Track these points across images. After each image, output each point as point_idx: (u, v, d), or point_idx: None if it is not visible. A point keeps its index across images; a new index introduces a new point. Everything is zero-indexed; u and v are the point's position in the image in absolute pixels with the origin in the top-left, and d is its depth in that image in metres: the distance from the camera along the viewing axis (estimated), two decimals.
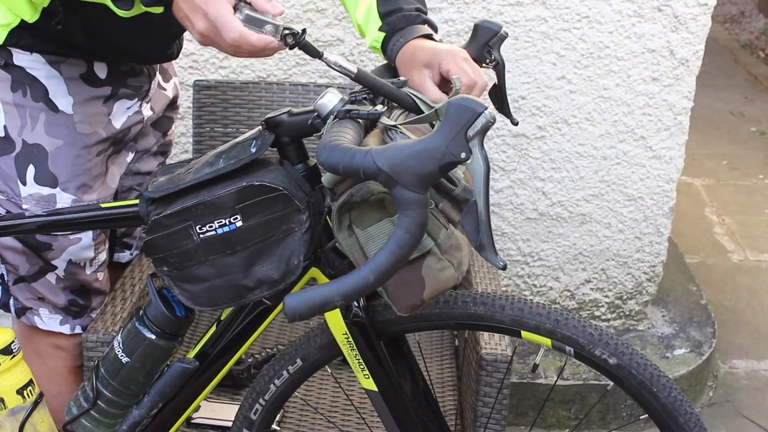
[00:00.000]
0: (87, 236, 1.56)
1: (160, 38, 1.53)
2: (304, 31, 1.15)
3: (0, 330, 1.40)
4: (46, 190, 1.49)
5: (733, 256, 3.54)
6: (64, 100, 1.47)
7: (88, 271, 1.60)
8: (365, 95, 1.19)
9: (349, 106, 1.13)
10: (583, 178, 2.54)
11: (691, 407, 1.31)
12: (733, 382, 2.79)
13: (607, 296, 2.71)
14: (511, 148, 2.49)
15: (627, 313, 2.75)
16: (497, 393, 1.58)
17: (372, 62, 2.38)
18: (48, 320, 1.59)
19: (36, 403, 1.43)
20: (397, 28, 1.36)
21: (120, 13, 1.20)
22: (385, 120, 1.12)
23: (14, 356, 1.40)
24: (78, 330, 1.62)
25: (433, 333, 2.08)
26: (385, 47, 1.38)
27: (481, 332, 1.64)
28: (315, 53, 1.16)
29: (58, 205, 1.51)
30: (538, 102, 2.45)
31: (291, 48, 1.16)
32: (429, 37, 1.36)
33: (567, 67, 2.41)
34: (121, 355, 1.34)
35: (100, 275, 1.64)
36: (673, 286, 3.01)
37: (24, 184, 1.48)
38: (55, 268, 1.56)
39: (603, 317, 2.74)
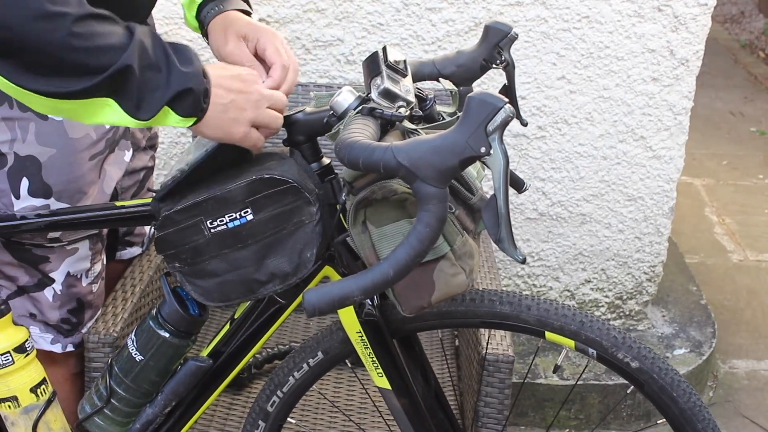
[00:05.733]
0: (84, 246, 1.54)
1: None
2: None
3: (14, 329, 1.41)
4: (39, 202, 1.45)
5: (733, 256, 3.54)
6: None
7: (84, 283, 1.58)
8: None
9: (371, 104, 1.13)
10: (583, 178, 2.54)
11: (709, 413, 1.32)
12: (733, 382, 2.79)
13: (607, 296, 2.71)
14: (511, 148, 2.49)
15: (627, 313, 2.75)
16: (499, 393, 1.58)
17: None
18: (39, 339, 1.56)
19: (49, 402, 1.44)
20: None
21: (136, 124, 1.11)
22: (407, 124, 1.13)
23: (28, 354, 1.41)
24: (70, 348, 1.59)
25: (433, 332, 2.08)
26: (199, 15, 1.39)
27: (482, 332, 1.64)
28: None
29: None
30: (538, 102, 2.45)
31: None
32: (246, 13, 1.39)
33: (567, 67, 2.41)
34: (135, 354, 1.34)
35: (95, 287, 1.61)
36: (673, 286, 3.01)
37: (17, 197, 1.44)
38: (53, 281, 1.54)
39: (603, 317, 2.74)
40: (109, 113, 1.08)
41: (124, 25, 1.08)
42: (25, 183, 1.44)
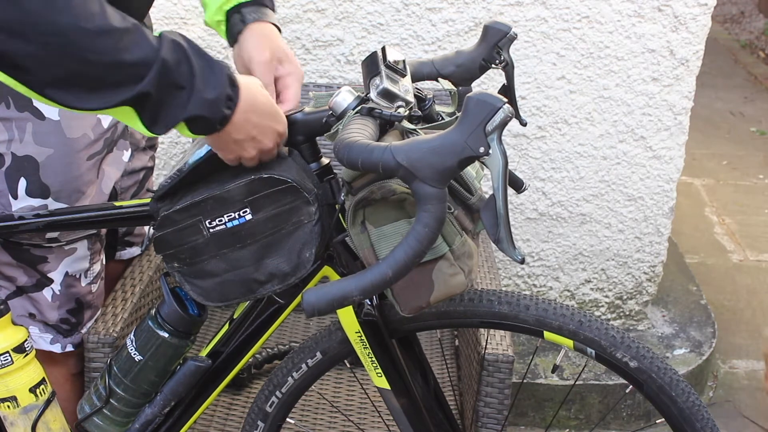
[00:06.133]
0: (82, 246, 1.54)
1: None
2: None
3: (13, 329, 1.41)
4: (37, 202, 1.45)
5: (733, 256, 3.54)
6: (49, 106, 1.39)
7: (83, 283, 1.58)
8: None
9: (370, 104, 1.13)
10: (583, 178, 2.54)
11: (708, 413, 1.32)
12: (733, 382, 2.79)
13: (607, 296, 2.71)
14: (511, 148, 2.49)
15: (627, 313, 2.75)
16: (499, 393, 1.58)
17: None
18: (38, 339, 1.56)
19: (48, 402, 1.44)
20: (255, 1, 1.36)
21: (148, 133, 1.10)
22: (406, 124, 1.13)
23: (27, 354, 1.41)
24: (69, 348, 1.60)
25: (432, 332, 2.08)
26: (235, 12, 1.36)
27: (482, 332, 1.64)
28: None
29: None
30: (538, 102, 2.45)
31: None
32: (278, 29, 1.39)
33: (567, 67, 2.41)
34: (134, 354, 1.34)
35: (94, 287, 1.61)
36: (673, 286, 3.01)
37: (15, 198, 1.44)
38: (51, 281, 1.54)
39: (603, 317, 2.74)
40: (129, 118, 1.06)
41: (154, 38, 1.04)
42: (22, 183, 1.44)
